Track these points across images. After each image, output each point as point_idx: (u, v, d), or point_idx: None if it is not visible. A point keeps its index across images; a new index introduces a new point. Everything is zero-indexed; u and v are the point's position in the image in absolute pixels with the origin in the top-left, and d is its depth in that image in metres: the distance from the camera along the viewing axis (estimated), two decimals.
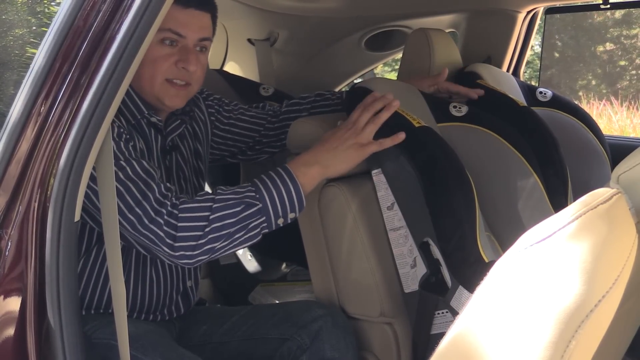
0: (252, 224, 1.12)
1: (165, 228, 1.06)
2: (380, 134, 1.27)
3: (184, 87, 1.23)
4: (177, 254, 1.07)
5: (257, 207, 1.12)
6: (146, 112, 1.23)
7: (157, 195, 1.08)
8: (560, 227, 0.57)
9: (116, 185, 1.01)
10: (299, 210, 1.17)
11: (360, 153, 1.21)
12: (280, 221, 1.15)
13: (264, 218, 1.12)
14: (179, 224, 1.06)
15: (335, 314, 1.34)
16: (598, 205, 0.58)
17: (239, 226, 1.10)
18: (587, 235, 0.56)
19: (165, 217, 1.07)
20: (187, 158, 1.36)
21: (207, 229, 1.08)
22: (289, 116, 1.53)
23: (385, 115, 1.24)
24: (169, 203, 1.08)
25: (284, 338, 1.31)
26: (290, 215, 1.16)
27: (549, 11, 2.40)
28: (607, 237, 0.56)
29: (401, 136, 1.23)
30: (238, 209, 1.10)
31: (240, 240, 1.12)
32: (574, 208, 0.58)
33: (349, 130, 1.22)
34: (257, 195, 1.12)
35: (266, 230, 1.15)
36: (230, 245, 1.12)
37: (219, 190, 1.13)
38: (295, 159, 1.20)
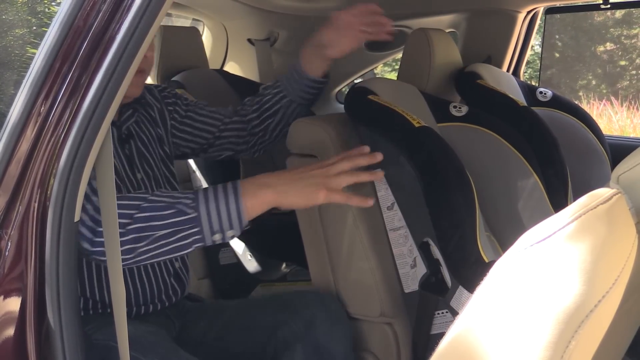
0: (183, 233, 1.05)
1: (88, 223, 1.04)
2: (380, 133, 1.27)
3: (141, 75, 1.24)
4: (95, 249, 1.04)
5: (190, 216, 1.05)
6: None
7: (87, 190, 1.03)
8: (559, 227, 0.57)
9: None
10: (239, 230, 1.08)
11: (321, 196, 1.10)
12: (217, 237, 1.07)
13: (197, 229, 1.06)
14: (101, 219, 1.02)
15: (328, 300, 1.34)
16: (597, 205, 0.58)
17: (166, 231, 1.04)
18: (587, 236, 0.56)
19: (90, 212, 1.04)
20: (148, 144, 1.36)
21: (129, 227, 1.03)
22: (240, 119, 1.51)
23: (365, 177, 1.16)
24: (96, 199, 1.04)
25: (277, 325, 1.30)
26: (229, 233, 1.08)
27: (549, 11, 2.40)
28: (606, 238, 0.56)
29: (376, 176, 1.19)
30: (167, 212, 1.05)
31: (168, 247, 1.06)
32: (574, 209, 0.58)
33: (320, 169, 1.13)
34: (194, 204, 1.06)
35: (200, 244, 1.08)
36: (158, 251, 1.06)
37: (157, 192, 1.10)
38: (254, 177, 1.13)
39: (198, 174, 2.00)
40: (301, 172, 1.13)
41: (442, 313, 1.23)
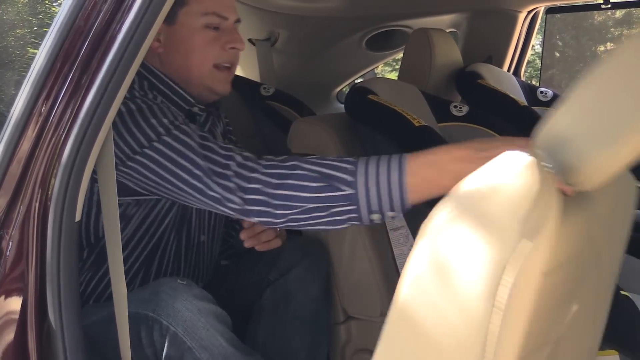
0: (337, 209, 0.95)
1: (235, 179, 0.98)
2: (380, 133, 1.27)
3: (229, 71, 1.22)
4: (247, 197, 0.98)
5: (345, 192, 0.94)
6: (194, 102, 1.20)
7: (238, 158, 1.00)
8: (473, 188, 0.61)
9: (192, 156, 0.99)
10: (402, 212, 0.96)
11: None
12: (376, 217, 0.96)
13: (353, 207, 0.95)
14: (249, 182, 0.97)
15: (313, 253, 1.33)
16: (511, 166, 0.60)
17: (317, 205, 0.95)
18: (499, 196, 0.59)
19: (233, 167, 0.99)
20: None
21: (277, 191, 0.96)
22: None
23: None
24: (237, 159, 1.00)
25: (259, 278, 1.31)
26: (389, 214, 0.95)
27: (550, 11, 2.40)
28: (521, 197, 0.58)
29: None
30: (318, 184, 0.95)
31: (321, 220, 0.97)
32: (486, 170, 0.61)
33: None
34: (351, 179, 0.95)
35: (356, 222, 0.97)
36: (310, 222, 0.98)
37: (312, 158, 0.99)
38: (424, 153, 0.97)
39: None
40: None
41: None
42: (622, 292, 1.25)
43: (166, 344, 1.06)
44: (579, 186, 0.68)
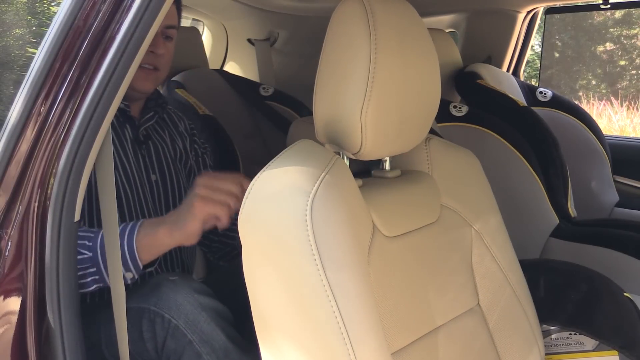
0: (80, 272, 1.02)
1: None
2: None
3: (152, 72, 1.26)
4: None
5: (85, 256, 1.03)
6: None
7: None
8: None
9: None
10: (136, 272, 1.06)
11: (196, 210, 1.03)
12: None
13: (94, 269, 1.03)
14: None
15: None
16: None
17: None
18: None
19: None
20: (166, 149, 1.35)
21: None
22: None
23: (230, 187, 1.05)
24: None
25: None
26: (127, 275, 1.05)
27: (549, 11, 2.41)
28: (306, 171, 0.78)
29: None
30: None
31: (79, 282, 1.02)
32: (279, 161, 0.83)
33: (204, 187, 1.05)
34: (90, 244, 1.03)
35: (100, 284, 1.04)
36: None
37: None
38: (160, 217, 1.10)
39: None
40: (188, 197, 1.06)
41: None
42: (625, 294, 1.26)
43: (167, 337, 1.05)
44: (362, 157, 0.87)
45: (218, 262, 1.47)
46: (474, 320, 0.96)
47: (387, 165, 0.99)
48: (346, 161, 0.91)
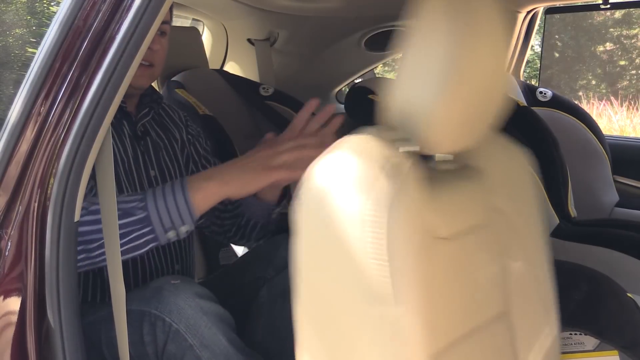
0: (135, 234, 1.05)
1: None
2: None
3: (147, 68, 1.26)
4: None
5: (139, 216, 1.05)
6: None
7: None
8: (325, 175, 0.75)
9: None
10: (192, 224, 1.08)
11: (262, 177, 1.09)
12: (171, 234, 1.07)
13: (148, 229, 1.05)
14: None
15: None
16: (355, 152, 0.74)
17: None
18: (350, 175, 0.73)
19: None
20: (166, 143, 1.36)
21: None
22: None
23: (310, 153, 1.02)
24: None
25: (256, 277, 1.31)
26: (182, 229, 1.08)
27: (549, 11, 2.40)
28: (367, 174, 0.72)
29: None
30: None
31: (122, 248, 1.03)
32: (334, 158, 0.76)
33: (267, 149, 1.12)
34: (142, 204, 1.06)
35: (154, 243, 1.07)
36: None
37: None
38: (201, 172, 1.15)
39: None
40: (246, 157, 1.12)
41: None
42: (628, 295, 1.26)
43: (168, 341, 1.05)
44: (435, 151, 0.83)
45: (231, 242, 1.46)
46: (501, 327, 0.93)
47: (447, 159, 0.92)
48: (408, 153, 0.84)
